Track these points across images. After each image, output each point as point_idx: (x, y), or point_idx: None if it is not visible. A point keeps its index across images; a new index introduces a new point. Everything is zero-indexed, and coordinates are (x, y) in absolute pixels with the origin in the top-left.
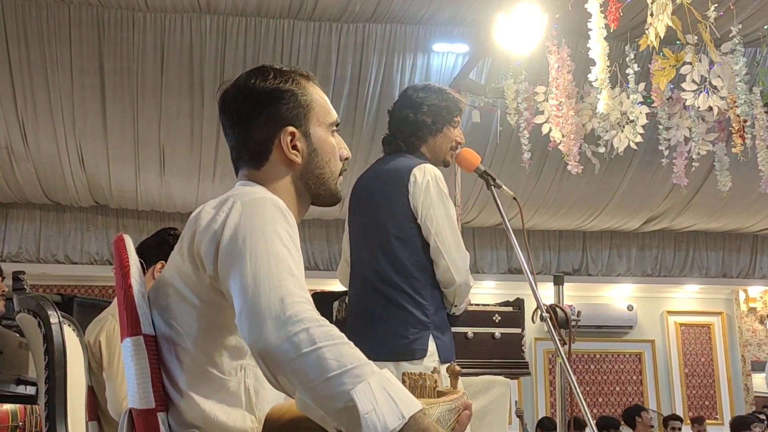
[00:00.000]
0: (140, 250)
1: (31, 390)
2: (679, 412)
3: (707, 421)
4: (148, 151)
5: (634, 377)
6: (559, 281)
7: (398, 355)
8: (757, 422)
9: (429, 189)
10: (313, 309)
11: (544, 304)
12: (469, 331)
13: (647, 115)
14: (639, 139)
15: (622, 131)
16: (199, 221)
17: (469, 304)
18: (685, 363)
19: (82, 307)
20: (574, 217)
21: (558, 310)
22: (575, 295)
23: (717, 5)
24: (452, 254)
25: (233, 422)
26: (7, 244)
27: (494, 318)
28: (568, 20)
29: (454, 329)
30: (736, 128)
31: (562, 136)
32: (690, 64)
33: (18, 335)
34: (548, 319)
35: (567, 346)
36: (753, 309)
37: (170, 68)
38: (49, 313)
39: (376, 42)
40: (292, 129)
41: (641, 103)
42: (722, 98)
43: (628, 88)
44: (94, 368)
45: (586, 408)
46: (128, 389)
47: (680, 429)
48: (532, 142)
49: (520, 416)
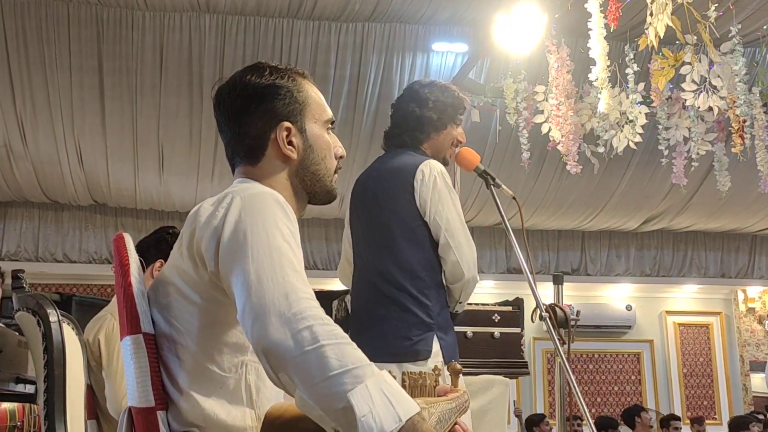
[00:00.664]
0: (139, 249)
1: (30, 389)
2: (678, 411)
3: (707, 421)
4: (146, 150)
5: (633, 377)
6: (558, 281)
7: (402, 357)
8: (755, 422)
9: (437, 185)
10: (317, 306)
11: (544, 304)
12: (469, 330)
13: (646, 114)
14: (638, 138)
15: (622, 131)
16: (198, 218)
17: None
18: (683, 363)
19: (80, 306)
20: (573, 216)
21: (557, 309)
22: (574, 294)
23: (717, 5)
24: (462, 249)
25: (233, 420)
26: (6, 243)
27: (493, 317)
28: (568, 20)
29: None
30: (736, 128)
31: (561, 135)
32: (689, 64)
33: (17, 334)
34: (547, 319)
35: (566, 346)
36: (751, 309)
37: (169, 67)
38: (49, 311)
39: (376, 41)
40: (287, 124)
41: (640, 103)
42: (722, 98)
43: (628, 87)
44: (93, 367)
45: (585, 407)
46: (128, 388)
47: (680, 429)
48: (531, 142)
49: (518, 416)
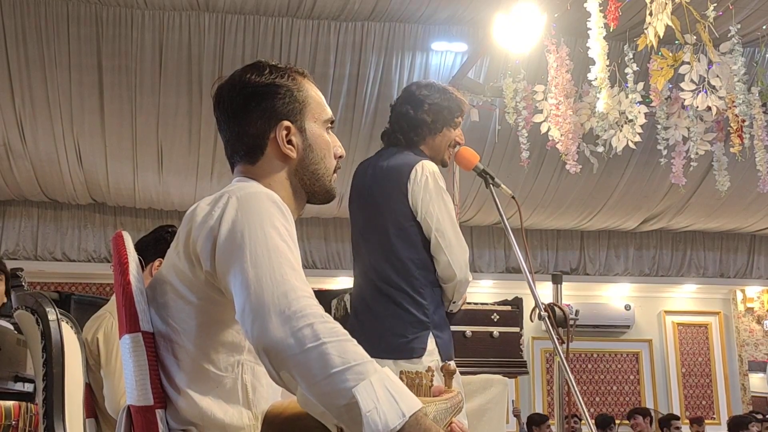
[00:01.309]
0: (138, 248)
1: (28, 387)
2: (676, 411)
3: (705, 420)
4: (146, 149)
5: (632, 377)
6: (557, 280)
7: (397, 354)
8: (754, 422)
9: (428, 185)
10: (317, 304)
11: (543, 303)
12: (468, 329)
13: (646, 114)
14: (637, 138)
15: (621, 131)
16: (195, 218)
17: (467, 303)
18: (682, 362)
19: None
20: (572, 216)
21: (556, 309)
22: (573, 294)
23: (716, 5)
24: (453, 249)
25: (230, 419)
26: (5, 241)
27: (492, 317)
28: (567, 19)
29: (453, 328)
30: (735, 128)
31: (561, 135)
32: (688, 63)
33: (16, 332)
34: (546, 318)
35: (565, 345)
36: (750, 309)
37: (168, 66)
38: (47, 310)
39: (375, 41)
40: (287, 123)
41: (640, 103)
42: (721, 98)
43: (627, 87)
44: (92, 365)
45: (583, 407)
46: (126, 386)
47: (680, 428)
48: (531, 141)
49: (517, 415)
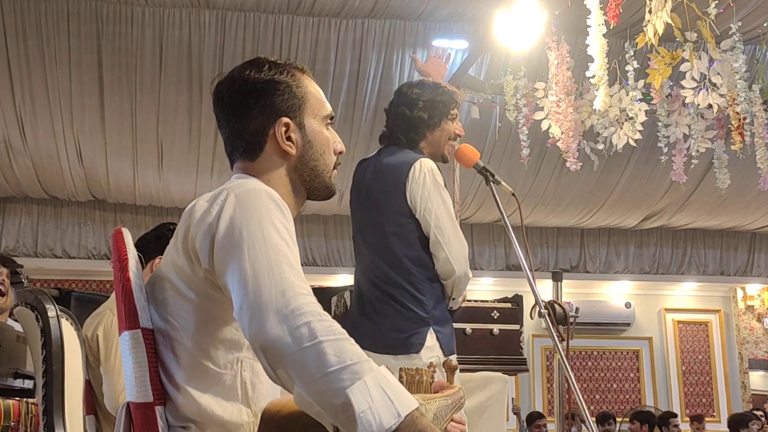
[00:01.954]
0: (139, 245)
1: (28, 384)
2: (676, 409)
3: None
4: (146, 146)
5: (632, 374)
6: (557, 278)
7: (395, 349)
8: (755, 420)
9: (426, 182)
10: (315, 302)
11: (543, 301)
12: (468, 327)
13: (646, 112)
14: (638, 136)
15: (621, 128)
16: (193, 215)
17: (467, 300)
18: (682, 360)
19: (79, 302)
20: (573, 213)
21: (556, 306)
22: (573, 292)
23: (716, 2)
24: (452, 246)
25: (229, 416)
26: (5, 238)
27: (493, 314)
28: (568, 17)
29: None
30: (736, 126)
31: (561, 132)
32: (689, 61)
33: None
34: (546, 316)
35: (565, 343)
36: (750, 307)
37: (169, 63)
38: (47, 306)
39: (375, 38)
40: (286, 120)
41: (640, 100)
42: (721, 96)
43: (627, 85)
44: (92, 362)
45: (583, 405)
46: (126, 383)
47: (678, 426)
48: (531, 139)
49: (516, 413)
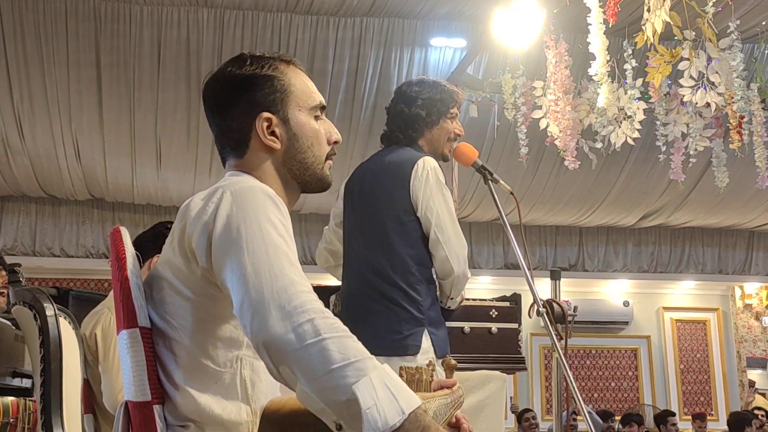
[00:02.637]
0: (137, 244)
1: (26, 383)
2: (674, 408)
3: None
4: (144, 145)
5: (630, 373)
6: (555, 276)
7: (391, 350)
8: (754, 418)
9: (428, 180)
10: (317, 299)
11: (541, 299)
12: (466, 325)
13: (644, 110)
14: (636, 134)
15: (620, 127)
16: (189, 213)
17: (465, 299)
18: (680, 359)
19: (77, 301)
20: (571, 212)
21: (554, 305)
22: (571, 290)
23: (715, 0)
24: (452, 245)
25: (228, 415)
26: (3, 237)
27: (491, 313)
28: (566, 15)
29: (451, 324)
30: (734, 124)
31: (560, 131)
32: (687, 60)
33: (14, 327)
34: (545, 314)
35: (563, 342)
36: (749, 305)
37: (167, 62)
38: (45, 305)
39: (374, 36)
40: (267, 115)
41: (639, 99)
42: (720, 94)
43: (626, 83)
44: (90, 361)
45: (582, 403)
46: (124, 382)
47: (676, 425)
48: (530, 137)
49: (515, 412)
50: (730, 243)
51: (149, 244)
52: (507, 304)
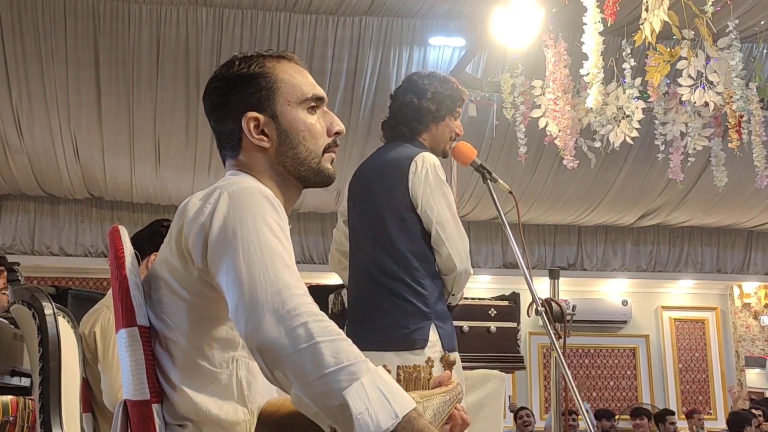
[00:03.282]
0: (134, 242)
1: (25, 381)
2: (673, 407)
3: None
4: (143, 144)
5: (629, 372)
6: (554, 275)
7: (399, 345)
8: (754, 418)
9: (428, 178)
10: (311, 302)
11: (540, 298)
12: (465, 324)
13: (643, 110)
14: (635, 134)
15: (618, 126)
16: (186, 213)
17: (464, 298)
18: (679, 358)
19: (76, 300)
20: (570, 211)
21: (553, 304)
22: (570, 289)
23: (714, 0)
24: (454, 241)
25: (225, 415)
26: (1, 235)
27: (490, 312)
28: (565, 15)
29: None
30: (733, 124)
31: (558, 130)
32: (686, 59)
33: (12, 326)
34: (543, 314)
35: (562, 341)
36: (747, 304)
37: (166, 61)
38: (44, 304)
39: (373, 35)
40: (253, 114)
41: (637, 98)
42: (718, 94)
43: (625, 83)
44: (89, 360)
45: (580, 402)
46: (123, 380)
47: (675, 423)
48: (528, 137)
49: (514, 411)
50: (728, 242)
51: (146, 242)
52: (506, 303)
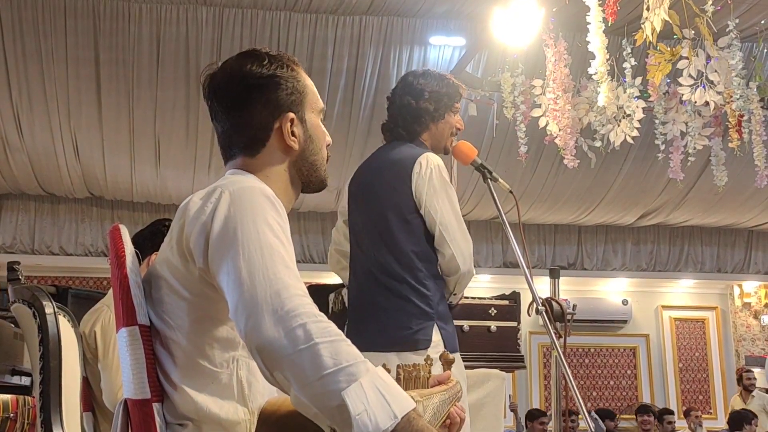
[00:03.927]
0: (135, 242)
1: (26, 380)
2: (673, 406)
3: (702, 415)
4: (143, 143)
5: (629, 371)
6: (554, 275)
7: (402, 346)
8: (755, 418)
9: (432, 178)
10: (310, 303)
11: (540, 298)
12: (465, 324)
13: (644, 109)
14: (635, 133)
15: (619, 125)
16: (188, 212)
17: (464, 297)
18: (679, 357)
19: (76, 299)
20: (570, 211)
21: (553, 303)
22: (570, 289)
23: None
24: (458, 243)
25: (225, 414)
26: (2, 235)
27: (490, 311)
28: (565, 14)
29: None
30: (733, 123)
31: (559, 129)
32: (686, 58)
33: (13, 326)
34: (544, 313)
35: (562, 340)
36: (747, 304)
37: (166, 60)
38: (44, 303)
39: (373, 35)
40: (292, 115)
41: (638, 98)
42: (719, 93)
43: (625, 82)
44: (89, 359)
45: (581, 402)
46: (123, 379)
47: (674, 423)
48: (529, 136)
49: (514, 410)
50: (728, 242)
51: (147, 241)
52: (506, 302)
